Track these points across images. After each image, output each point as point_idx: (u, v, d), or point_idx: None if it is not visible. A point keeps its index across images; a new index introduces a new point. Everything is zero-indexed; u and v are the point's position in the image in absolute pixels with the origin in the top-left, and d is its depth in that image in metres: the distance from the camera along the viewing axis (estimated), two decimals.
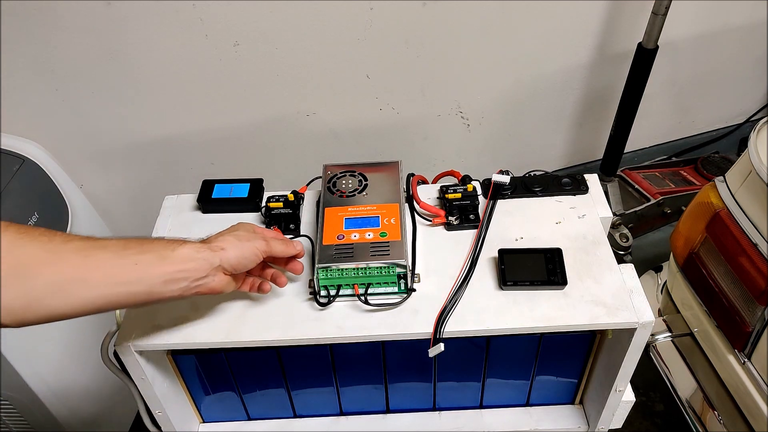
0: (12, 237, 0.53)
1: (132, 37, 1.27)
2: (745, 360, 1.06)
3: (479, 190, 0.88)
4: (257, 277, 0.75)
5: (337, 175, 0.85)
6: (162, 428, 0.85)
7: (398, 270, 0.74)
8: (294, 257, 0.75)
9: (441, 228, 0.85)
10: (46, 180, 1.26)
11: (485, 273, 0.78)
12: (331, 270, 0.73)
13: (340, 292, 0.75)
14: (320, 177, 0.86)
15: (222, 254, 0.65)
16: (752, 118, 1.97)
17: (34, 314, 0.55)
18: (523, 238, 0.82)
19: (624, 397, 0.84)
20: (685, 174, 1.89)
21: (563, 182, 0.88)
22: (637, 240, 1.75)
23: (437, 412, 0.94)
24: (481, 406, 0.94)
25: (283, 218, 0.85)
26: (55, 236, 0.56)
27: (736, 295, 1.05)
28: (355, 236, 0.76)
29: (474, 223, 0.84)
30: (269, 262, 0.75)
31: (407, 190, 0.88)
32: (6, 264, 0.52)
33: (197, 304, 0.75)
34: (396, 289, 0.75)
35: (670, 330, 1.28)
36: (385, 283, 0.75)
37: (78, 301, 0.56)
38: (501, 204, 0.87)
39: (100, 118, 1.39)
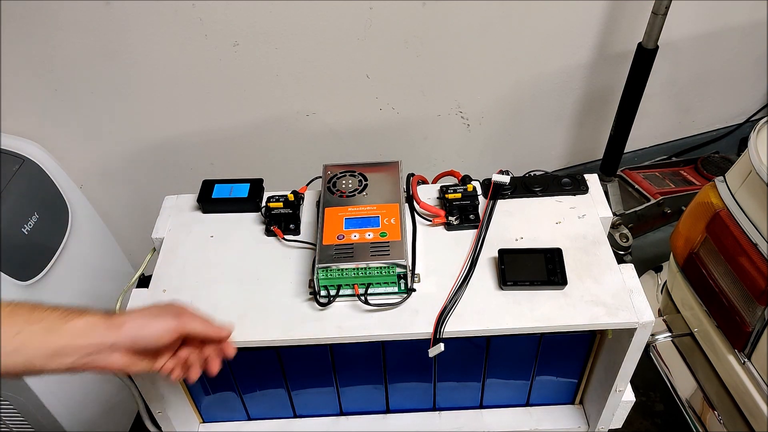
0: None
1: (132, 37, 1.27)
2: (745, 360, 1.06)
3: (479, 190, 0.88)
4: (176, 359, 0.68)
5: (337, 175, 0.85)
6: (162, 428, 0.85)
7: (398, 270, 0.74)
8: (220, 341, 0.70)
9: (441, 228, 0.85)
10: (46, 180, 1.26)
11: (485, 273, 0.78)
12: (331, 270, 0.73)
13: (340, 292, 0.75)
14: (320, 177, 0.86)
15: (118, 333, 0.62)
16: (752, 118, 1.97)
17: None
18: (523, 238, 0.82)
19: (624, 397, 0.84)
20: (685, 174, 1.89)
21: (563, 182, 0.88)
22: (637, 240, 1.75)
23: (437, 412, 0.94)
24: (481, 406, 0.94)
25: (283, 218, 0.85)
26: None
27: (736, 295, 1.05)
28: (355, 236, 0.76)
29: (474, 223, 0.84)
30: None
31: (407, 190, 0.88)
32: None
33: (197, 304, 0.75)
34: (396, 289, 0.75)
35: (670, 330, 1.28)
36: (385, 283, 0.75)
37: None
38: (501, 204, 0.87)
39: (100, 118, 1.38)
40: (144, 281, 0.79)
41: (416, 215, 0.86)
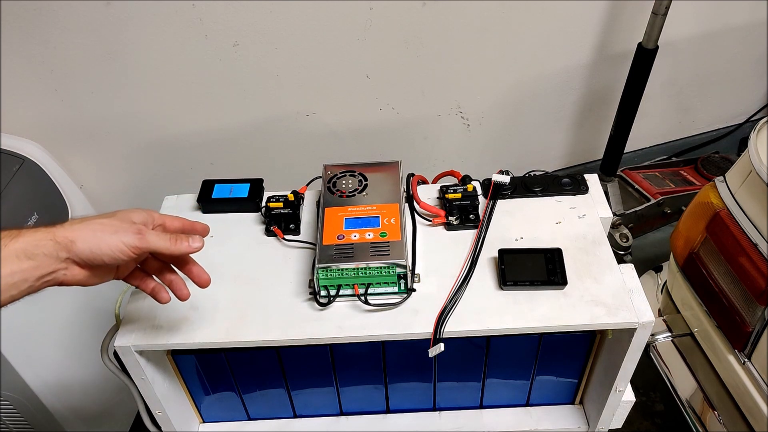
0: None
1: (132, 37, 1.27)
2: (745, 360, 1.06)
3: (479, 190, 0.88)
4: (152, 278, 0.65)
5: (337, 175, 0.85)
6: (162, 428, 0.85)
7: (398, 270, 0.74)
8: (188, 262, 0.65)
9: (441, 228, 0.85)
10: (46, 180, 1.26)
11: (485, 273, 0.78)
12: (331, 270, 0.73)
13: (340, 292, 0.75)
14: (320, 177, 0.86)
15: (71, 246, 0.56)
16: (752, 118, 1.97)
17: None
18: (523, 238, 0.82)
19: (624, 397, 0.84)
20: (685, 174, 1.89)
21: (563, 182, 0.88)
22: (637, 240, 1.76)
23: (437, 412, 0.94)
24: (481, 406, 0.94)
25: (283, 218, 0.85)
26: None
27: (736, 295, 1.05)
28: (355, 236, 0.76)
29: (474, 223, 0.84)
30: (172, 263, 0.66)
31: (407, 190, 0.88)
32: None
33: (197, 304, 0.75)
34: (396, 289, 0.75)
35: (670, 330, 1.28)
36: (385, 283, 0.75)
37: None
38: (501, 204, 0.87)
39: (100, 118, 1.39)
40: None
41: (416, 215, 0.86)
